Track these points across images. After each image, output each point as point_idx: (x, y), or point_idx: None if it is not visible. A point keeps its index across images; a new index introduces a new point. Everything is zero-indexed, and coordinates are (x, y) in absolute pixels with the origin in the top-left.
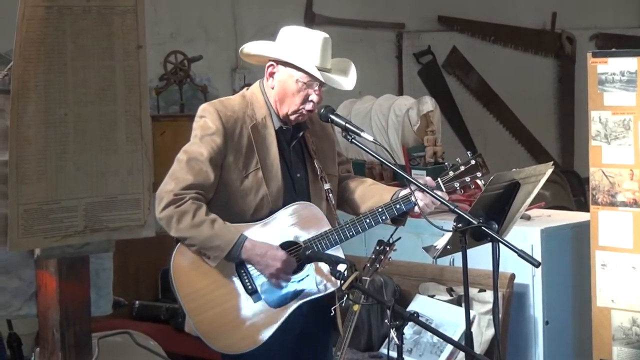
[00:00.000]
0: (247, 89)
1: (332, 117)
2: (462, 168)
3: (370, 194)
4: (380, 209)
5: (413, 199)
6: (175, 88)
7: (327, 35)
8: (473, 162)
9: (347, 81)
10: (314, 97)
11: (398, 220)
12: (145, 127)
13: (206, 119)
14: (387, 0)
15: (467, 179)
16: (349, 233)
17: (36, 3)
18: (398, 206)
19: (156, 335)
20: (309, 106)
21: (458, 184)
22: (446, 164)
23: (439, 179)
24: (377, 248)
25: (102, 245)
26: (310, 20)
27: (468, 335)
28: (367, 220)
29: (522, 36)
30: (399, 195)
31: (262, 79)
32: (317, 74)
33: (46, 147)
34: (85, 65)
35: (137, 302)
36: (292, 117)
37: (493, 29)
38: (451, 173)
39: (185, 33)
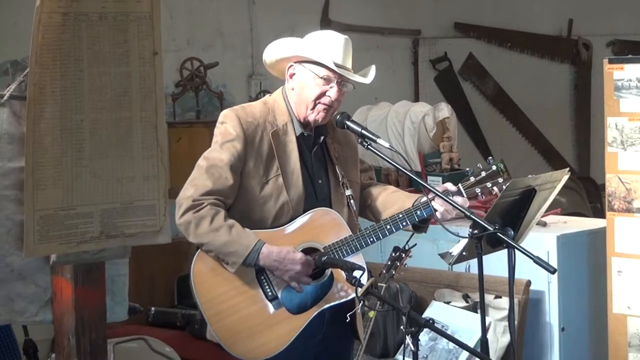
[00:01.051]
0: (270, 95)
1: (348, 123)
2: (484, 173)
3: (392, 201)
4: (400, 215)
5: (432, 205)
6: (191, 94)
7: (347, 37)
8: (494, 167)
9: (364, 79)
10: (331, 92)
11: (420, 227)
12: (161, 133)
13: (227, 125)
14: (403, 7)
15: (489, 184)
16: (369, 239)
17: (52, 9)
18: (418, 212)
19: (172, 341)
20: (325, 100)
21: (479, 190)
22: (467, 169)
23: (460, 184)
24: (393, 254)
25: (118, 251)
26: (327, 26)
27: (484, 342)
28: (388, 227)
29: (538, 43)
30: (420, 202)
31: (284, 85)
32: (332, 65)
33: (62, 153)
34: (101, 72)
35: (152, 308)
36: (311, 117)
37: (509, 36)
38: (472, 178)
39: (201, 40)
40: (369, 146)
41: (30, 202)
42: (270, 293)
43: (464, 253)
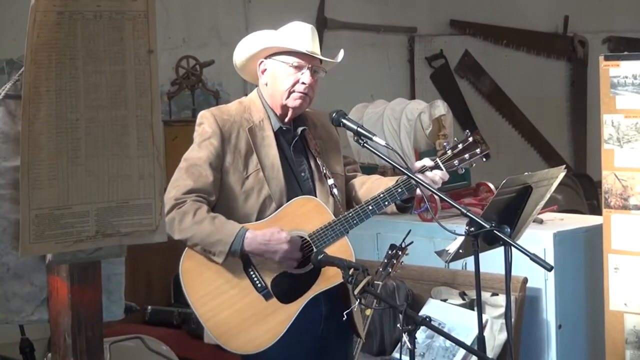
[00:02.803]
0: (246, 96)
1: (344, 121)
2: (461, 146)
3: (376, 187)
4: (382, 195)
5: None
6: (187, 93)
7: (313, 26)
8: (471, 139)
9: (333, 60)
10: (304, 78)
11: (405, 207)
12: (156, 131)
13: (204, 125)
14: (399, 4)
15: (467, 156)
16: (353, 222)
17: (47, 8)
18: (400, 190)
19: (169, 340)
20: (300, 88)
21: (457, 162)
22: (445, 144)
23: (437, 158)
24: (390, 252)
25: (114, 250)
26: (323, 24)
27: (480, 339)
28: (370, 207)
29: (534, 40)
30: (401, 180)
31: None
32: (302, 49)
33: (58, 152)
34: (97, 70)
35: (149, 307)
36: (289, 103)
37: (505, 33)
38: (449, 152)
39: (197, 38)
40: (365, 144)
41: (25, 201)
42: (259, 285)
43: (460, 251)
